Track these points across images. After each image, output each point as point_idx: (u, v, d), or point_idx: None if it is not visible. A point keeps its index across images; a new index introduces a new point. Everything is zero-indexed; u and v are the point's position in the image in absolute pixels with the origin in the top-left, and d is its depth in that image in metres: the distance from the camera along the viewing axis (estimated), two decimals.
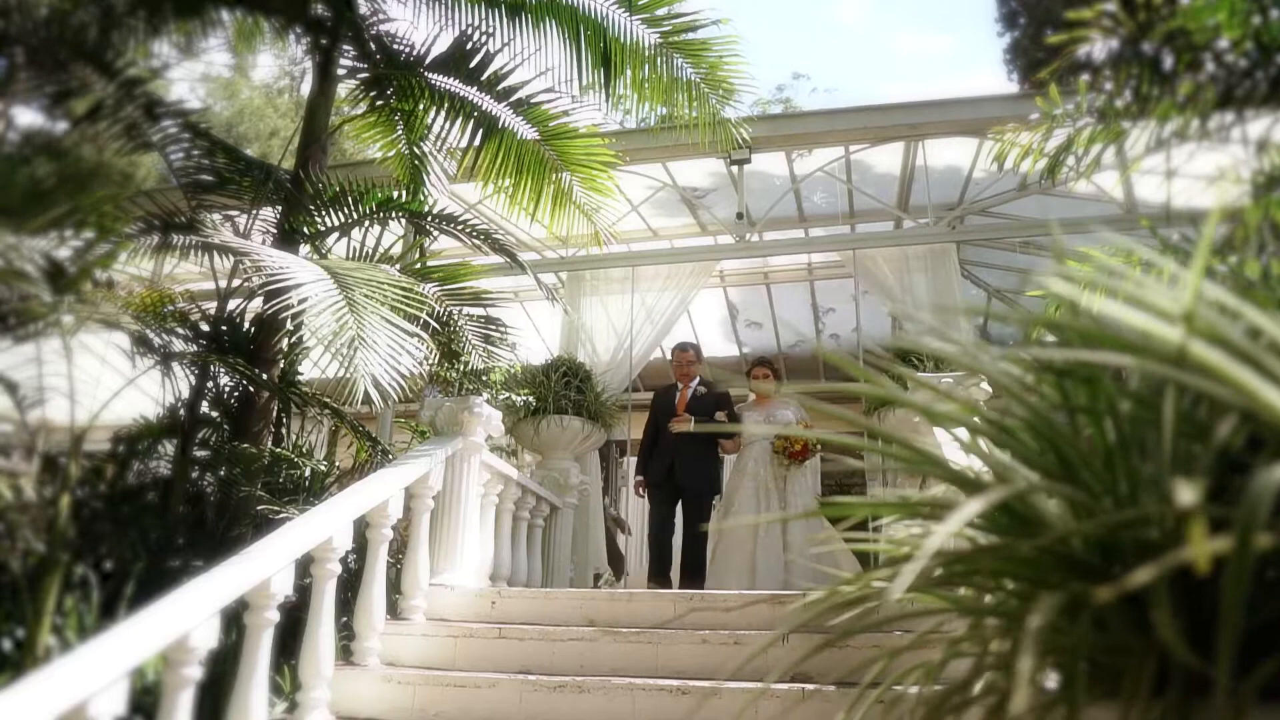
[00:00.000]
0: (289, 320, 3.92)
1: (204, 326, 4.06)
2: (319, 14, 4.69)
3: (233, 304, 4.13)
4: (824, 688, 2.48)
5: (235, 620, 2.51)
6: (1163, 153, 2.85)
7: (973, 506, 0.67)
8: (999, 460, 0.86)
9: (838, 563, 4.67)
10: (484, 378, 4.86)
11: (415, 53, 4.94)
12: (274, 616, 2.44)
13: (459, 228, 4.72)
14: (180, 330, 3.95)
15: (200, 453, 3.85)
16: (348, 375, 3.11)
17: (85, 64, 3.83)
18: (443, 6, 5.11)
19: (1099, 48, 2.84)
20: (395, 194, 4.62)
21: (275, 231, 4.38)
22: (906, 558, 1.06)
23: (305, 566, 2.80)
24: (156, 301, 4.01)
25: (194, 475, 3.81)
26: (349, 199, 4.40)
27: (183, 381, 3.85)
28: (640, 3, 5.08)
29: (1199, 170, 2.95)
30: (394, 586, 3.57)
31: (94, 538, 3.10)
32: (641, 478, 5.63)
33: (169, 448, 3.81)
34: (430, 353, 4.27)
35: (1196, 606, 0.77)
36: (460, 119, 5.02)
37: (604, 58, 5.22)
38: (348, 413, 4.29)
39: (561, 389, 5.72)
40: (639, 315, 7.25)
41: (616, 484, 9.57)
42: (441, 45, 4.94)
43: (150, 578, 2.92)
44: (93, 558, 3.01)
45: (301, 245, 4.32)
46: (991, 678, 0.91)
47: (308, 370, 4.44)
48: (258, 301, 3.98)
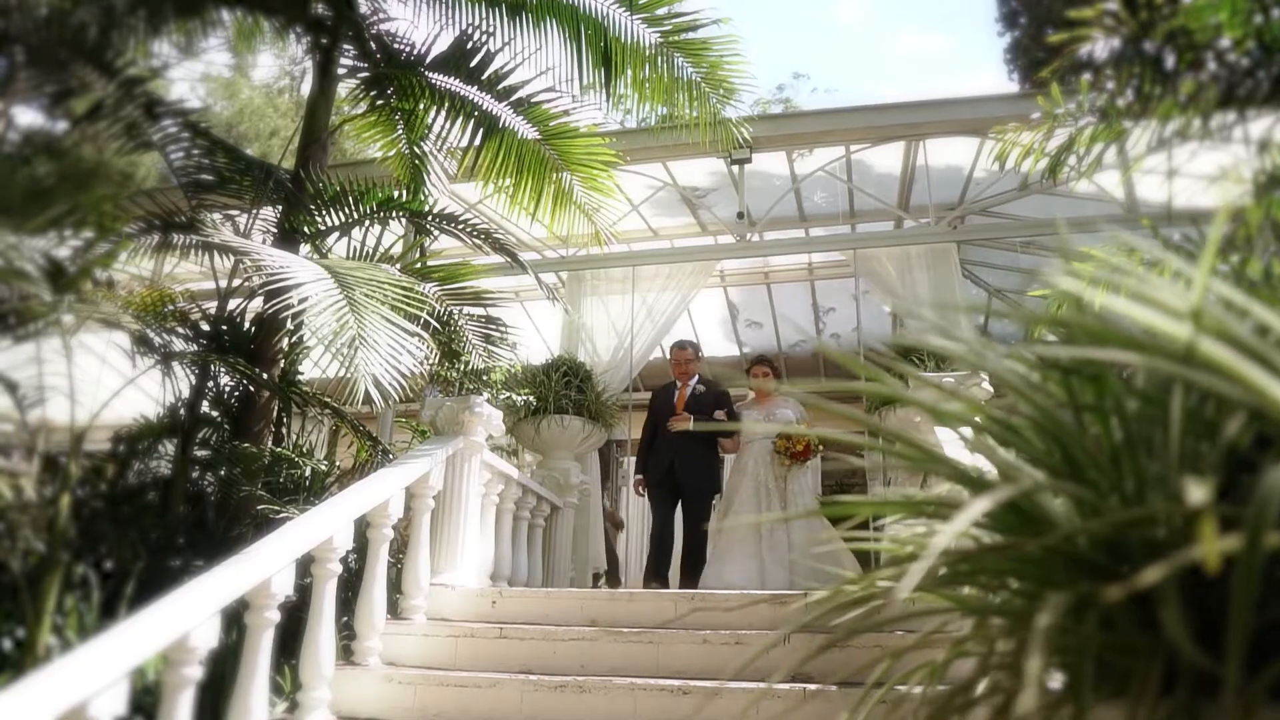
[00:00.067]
0: (289, 320, 3.92)
1: (204, 326, 4.06)
2: (319, 13, 4.68)
3: (233, 303, 4.13)
4: (826, 688, 2.48)
5: (236, 620, 2.50)
6: (1164, 152, 2.85)
7: (980, 505, 0.66)
8: (1004, 459, 0.86)
9: (839, 562, 4.66)
10: (484, 377, 4.85)
11: (416, 52, 4.93)
12: (274, 616, 2.43)
13: (459, 227, 4.72)
14: (180, 330, 3.95)
15: (201, 452, 3.84)
16: (348, 375, 3.10)
17: (85, 63, 3.83)
18: (443, 6, 5.11)
19: (1100, 47, 2.84)
20: (396, 193, 4.62)
21: (275, 231, 4.37)
22: (910, 557, 1.05)
23: (306, 566, 2.79)
24: (157, 301, 4.01)
25: (194, 475, 3.80)
26: (349, 198, 4.40)
27: (183, 381, 3.85)
28: (641, 2, 5.07)
29: (1200, 170, 2.95)
30: (395, 586, 3.56)
31: (94, 537, 3.10)
32: (641, 476, 5.63)
33: (169, 447, 3.81)
34: (431, 352, 4.26)
35: (1204, 605, 0.76)
36: (461, 118, 5.01)
37: (604, 57, 5.21)
38: (348, 412, 4.29)
39: (562, 389, 5.71)
40: (639, 315, 7.24)
41: (617, 483, 9.58)
42: (442, 44, 4.94)
43: (150, 577, 2.92)
44: (93, 557, 3.00)
45: (302, 245, 4.32)
46: (996, 678, 0.91)
47: (308, 370, 4.44)
48: (258, 301, 3.98)
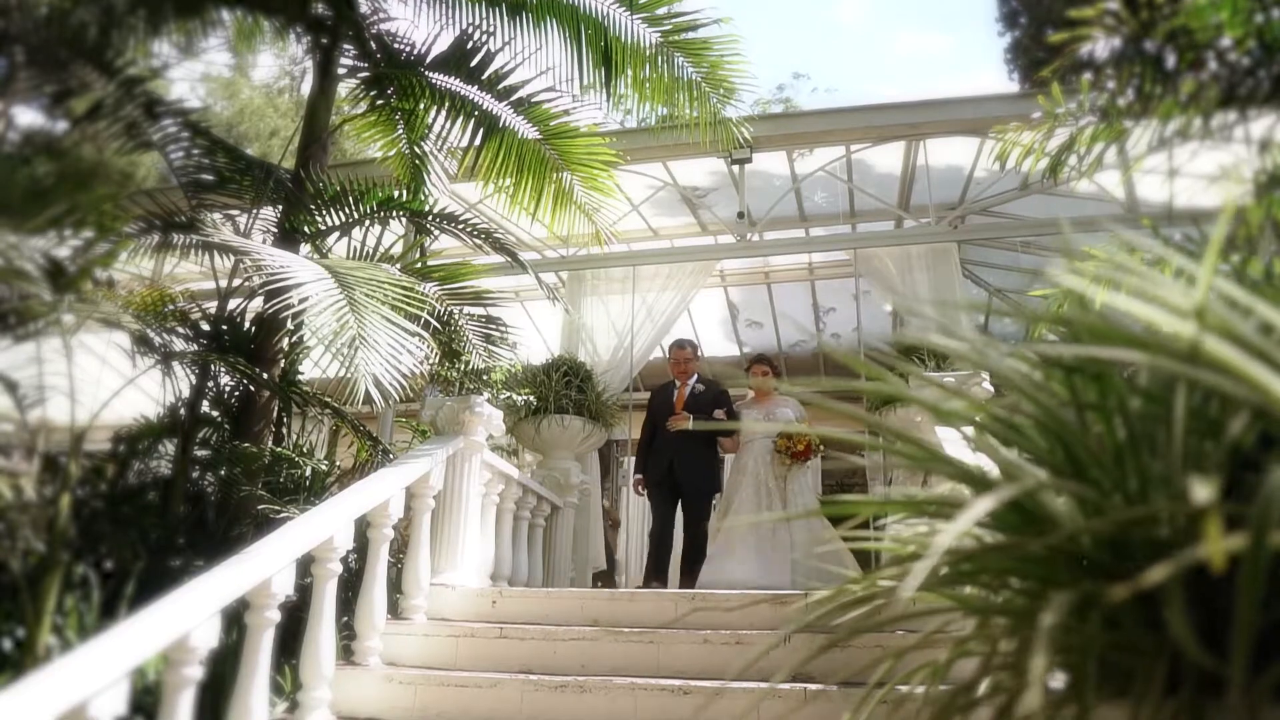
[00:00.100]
0: (290, 319, 3.91)
1: (204, 326, 4.05)
2: (319, 13, 4.68)
3: (233, 303, 4.13)
4: (828, 688, 2.48)
5: (236, 620, 2.50)
6: (1165, 152, 2.85)
7: (984, 503, 0.66)
8: (1007, 458, 0.85)
9: (840, 562, 4.65)
10: (485, 377, 4.85)
11: (416, 52, 4.93)
12: (275, 616, 2.43)
13: (460, 227, 4.72)
14: (181, 329, 3.94)
15: (201, 452, 3.84)
16: (349, 375, 3.10)
17: (85, 63, 3.82)
18: (443, 5, 5.11)
19: (1101, 46, 2.84)
20: (396, 193, 4.61)
21: (276, 231, 4.37)
22: (913, 556, 1.05)
23: (306, 566, 2.79)
24: (157, 301, 4.01)
25: (194, 475, 3.80)
26: (349, 198, 4.40)
27: (183, 381, 3.84)
28: (641, 2, 5.07)
29: (1201, 169, 2.95)
30: (395, 586, 3.56)
31: (94, 537, 3.10)
32: (640, 476, 5.62)
33: (169, 447, 3.80)
34: (431, 352, 4.26)
35: (1207, 605, 0.76)
36: (461, 118, 5.01)
37: (605, 57, 5.21)
38: (348, 412, 4.29)
39: (562, 388, 5.70)
40: (639, 315, 7.24)
41: (617, 483, 9.57)
42: (442, 44, 4.94)
43: (151, 577, 2.91)
44: (93, 557, 3.00)
45: (302, 245, 4.31)
46: (999, 677, 0.90)
47: (308, 370, 4.44)
48: (258, 301, 3.97)
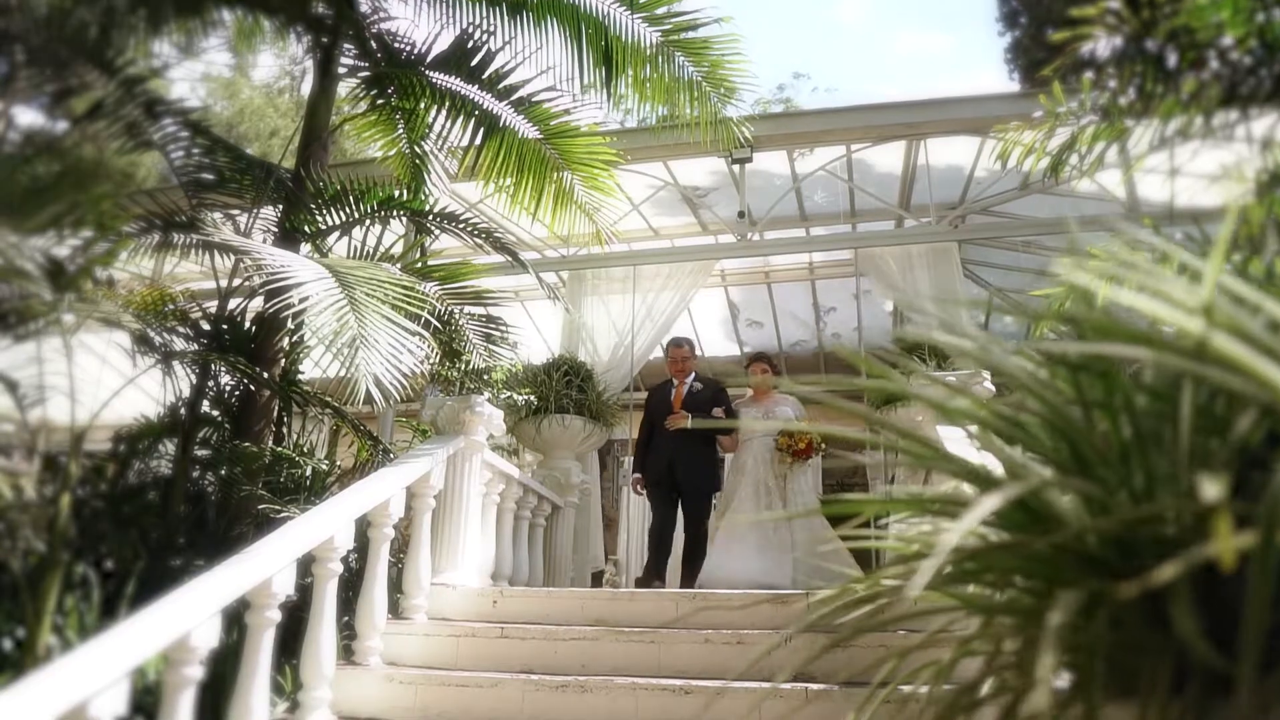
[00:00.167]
0: (290, 319, 3.91)
1: (205, 325, 4.05)
2: (319, 12, 4.68)
3: (234, 303, 4.13)
4: (829, 688, 2.48)
5: (236, 620, 2.50)
6: (1166, 151, 2.84)
7: (991, 501, 0.66)
8: (1012, 456, 0.85)
9: (840, 561, 4.64)
10: (485, 377, 4.85)
11: (416, 51, 4.93)
12: (275, 616, 2.43)
13: (460, 226, 4.71)
14: (181, 329, 3.94)
15: (201, 452, 3.84)
16: (349, 374, 3.10)
17: (86, 62, 3.82)
18: (444, 5, 5.10)
19: (1102, 45, 2.83)
20: (396, 193, 4.61)
21: (276, 230, 4.37)
22: (917, 555, 1.05)
23: (306, 566, 2.79)
24: (157, 300, 4.01)
25: (195, 474, 3.80)
26: (350, 198, 4.40)
27: (183, 380, 3.84)
28: (641, 1, 5.07)
29: (1202, 169, 2.94)
30: (395, 586, 3.56)
31: (95, 537, 3.09)
32: (639, 475, 5.58)
33: (170, 447, 3.80)
34: (431, 352, 4.26)
35: (1213, 603, 0.76)
36: (461, 117, 5.01)
37: (605, 56, 5.21)
38: (349, 412, 4.29)
39: (563, 388, 5.70)
40: (640, 314, 7.23)
41: (618, 483, 9.57)
42: (442, 44, 4.94)
43: (151, 577, 2.91)
44: (93, 557, 3.00)
45: (302, 244, 4.31)
46: (1004, 677, 0.90)
47: (309, 369, 4.43)
48: (259, 300, 3.97)
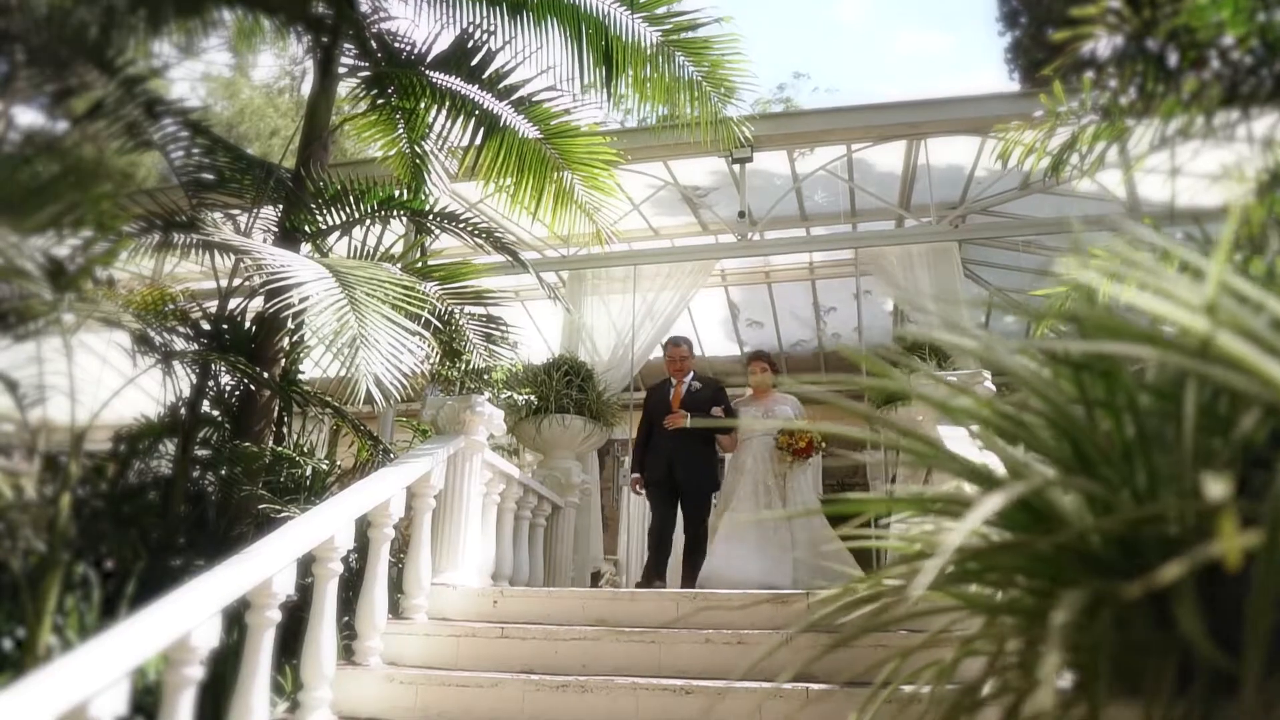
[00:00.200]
0: (290, 319, 3.91)
1: (205, 325, 4.05)
2: (320, 12, 4.68)
3: (234, 303, 4.12)
4: (830, 688, 2.47)
5: (237, 620, 2.49)
6: (1167, 150, 2.83)
7: (995, 500, 0.65)
8: (1014, 455, 0.85)
9: (840, 561, 4.63)
10: (485, 376, 4.85)
11: (416, 51, 4.93)
12: (275, 616, 2.43)
13: (460, 226, 4.71)
14: (181, 329, 3.94)
15: (201, 452, 3.84)
16: (349, 374, 3.10)
17: (86, 62, 3.82)
18: (444, 4, 5.10)
19: (1103, 45, 2.83)
20: (396, 192, 4.61)
21: (276, 230, 4.37)
22: (919, 555, 1.05)
23: (307, 566, 2.78)
24: (157, 300, 4.01)
25: (195, 474, 3.80)
26: (350, 197, 4.40)
27: (184, 380, 3.84)
28: (641, 1, 5.07)
29: (1203, 168, 2.94)
30: (396, 586, 3.55)
31: (95, 537, 3.09)
32: (638, 475, 5.54)
33: (170, 447, 3.80)
34: (432, 351, 4.26)
35: (1217, 602, 0.75)
36: (461, 117, 5.01)
37: (605, 56, 5.21)
38: (349, 412, 4.29)
39: (563, 388, 5.69)
40: (640, 314, 7.23)
41: (618, 482, 9.56)
42: (443, 43, 4.93)
43: (151, 577, 2.91)
44: (94, 557, 3.00)
45: (303, 244, 4.31)
46: (1006, 677, 0.90)
47: (309, 369, 4.43)
48: (259, 300, 3.97)
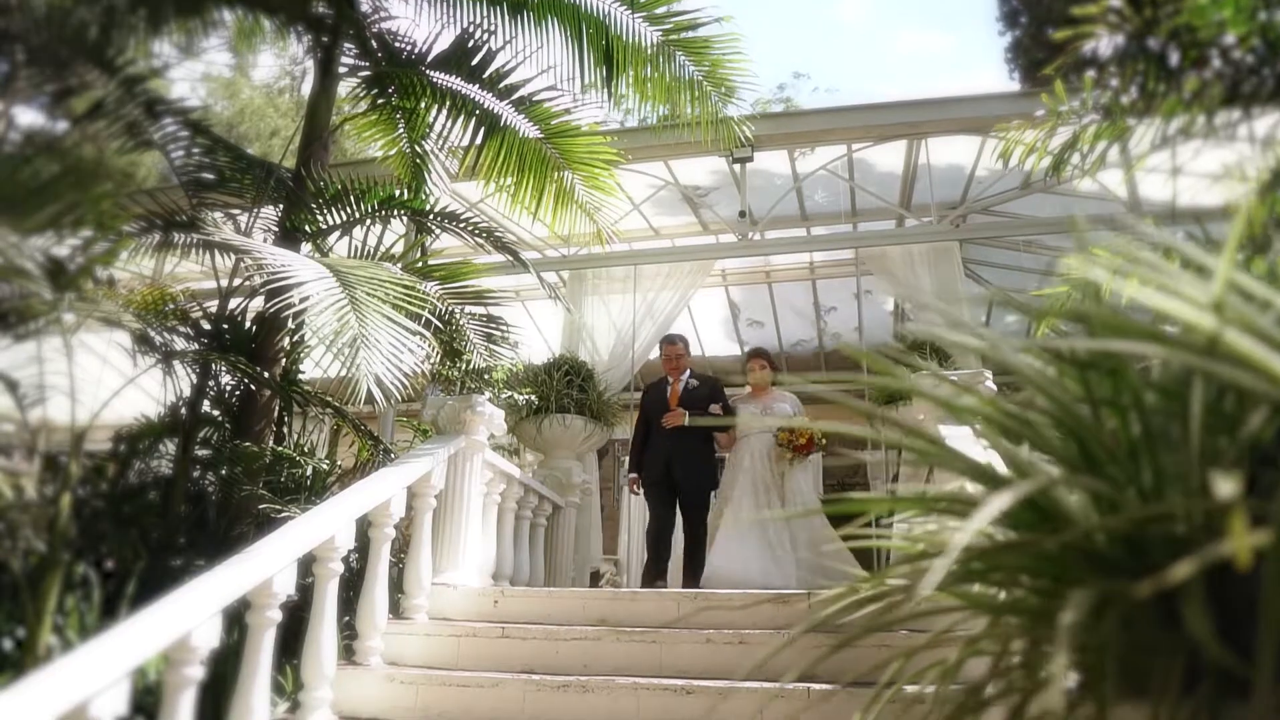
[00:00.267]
0: (291, 319, 3.90)
1: (205, 325, 4.05)
2: (320, 12, 4.67)
3: (234, 302, 4.12)
4: (833, 688, 2.47)
5: (237, 620, 2.49)
6: (1168, 150, 2.83)
7: (1002, 499, 0.65)
8: (1019, 454, 0.85)
9: (840, 560, 4.62)
10: (486, 376, 4.84)
11: (417, 51, 4.93)
12: (276, 616, 2.42)
13: (461, 226, 4.71)
14: (181, 329, 3.94)
15: (202, 451, 3.83)
16: (350, 374, 3.09)
17: (86, 62, 3.82)
18: (444, 4, 5.10)
19: (1104, 44, 2.82)
20: (397, 192, 4.60)
21: (277, 230, 4.36)
22: (921, 555, 1.04)
23: (307, 566, 2.78)
24: (158, 300, 4.01)
25: (195, 474, 3.79)
26: (350, 197, 4.39)
27: (184, 380, 3.84)
28: (641, 0, 5.06)
29: (1204, 168, 2.93)
30: (396, 586, 3.55)
31: (95, 537, 3.09)
32: (635, 475, 5.48)
33: (170, 447, 3.80)
34: (432, 351, 4.26)
35: (1224, 602, 0.75)
36: (462, 117, 5.01)
37: (606, 55, 5.20)
38: (349, 411, 4.28)
39: (564, 388, 5.69)
40: (640, 313, 7.23)
41: (618, 482, 9.56)
42: (443, 43, 4.93)
43: (152, 577, 2.91)
44: (94, 557, 2.99)
45: (303, 244, 4.31)
46: (1011, 677, 0.89)
47: (309, 369, 4.43)
48: (259, 300, 3.97)
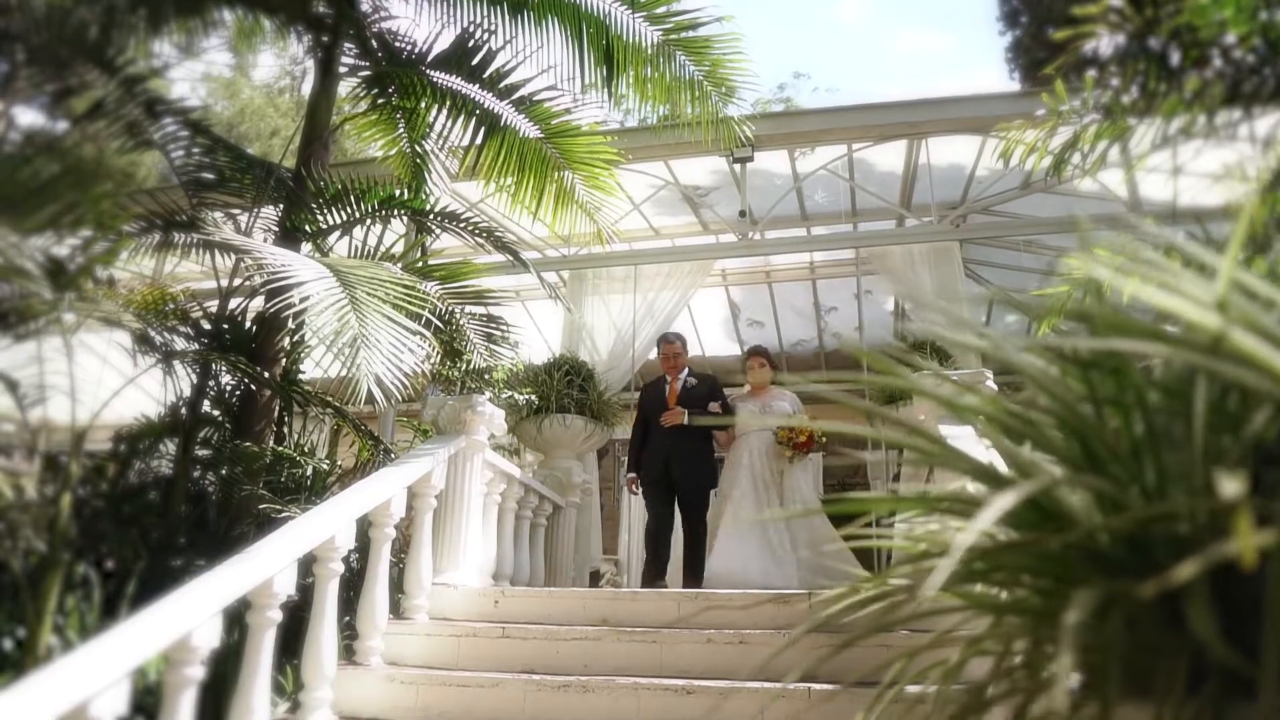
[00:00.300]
0: (291, 319, 3.90)
1: (205, 325, 4.05)
2: (320, 12, 4.67)
3: (234, 302, 4.12)
4: (835, 688, 2.47)
5: (237, 620, 2.49)
6: (1168, 150, 2.83)
7: (1006, 499, 0.65)
8: (1021, 454, 0.84)
9: (841, 560, 4.61)
10: (486, 376, 4.84)
11: (417, 50, 4.92)
12: (276, 616, 2.42)
13: (461, 225, 4.71)
14: (182, 328, 3.94)
15: (202, 451, 3.83)
16: (350, 374, 3.09)
17: (86, 62, 3.81)
18: (444, 4, 5.10)
19: (1104, 43, 2.82)
20: (397, 192, 4.60)
21: (277, 230, 4.36)
22: (923, 555, 1.04)
23: (308, 566, 2.78)
24: (158, 299, 4.00)
25: (196, 474, 3.79)
26: (351, 197, 4.39)
27: (184, 380, 3.83)
28: (642, 0, 5.06)
29: (1205, 168, 2.93)
30: (396, 586, 3.55)
31: (95, 537, 3.09)
32: (634, 475, 5.45)
33: (170, 446, 3.80)
34: (433, 351, 4.25)
35: (1228, 602, 0.75)
36: (462, 117, 5.00)
37: (606, 55, 5.20)
38: (350, 411, 4.28)
39: (564, 388, 5.68)
40: (640, 313, 7.23)
41: (618, 481, 9.56)
42: (443, 43, 4.93)
43: (152, 577, 2.91)
44: (94, 557, 2.99)
45: (303, 243, 4.31)
46: (1014, 677, 0.89)
47: (310, 369, 4.43)
48: (259, 300, 3.97)
